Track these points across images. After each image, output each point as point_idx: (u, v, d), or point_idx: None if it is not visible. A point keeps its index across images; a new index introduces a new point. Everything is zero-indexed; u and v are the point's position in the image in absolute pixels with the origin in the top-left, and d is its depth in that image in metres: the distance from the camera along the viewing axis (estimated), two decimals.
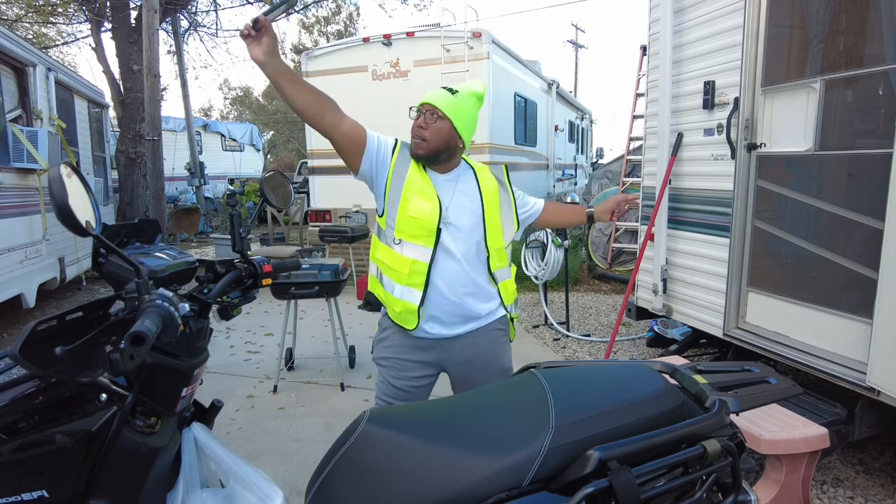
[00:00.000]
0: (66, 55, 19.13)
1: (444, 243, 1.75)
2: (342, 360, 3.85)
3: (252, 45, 1.52)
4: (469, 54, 5.74)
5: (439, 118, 1.75)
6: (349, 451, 0.98)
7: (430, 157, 1.78)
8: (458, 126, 1.77)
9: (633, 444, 0.91)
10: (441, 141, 1.76)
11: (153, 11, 7.29)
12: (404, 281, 1.75)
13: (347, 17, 22.48)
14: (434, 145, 1.76)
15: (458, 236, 1.77)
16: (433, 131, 1.75)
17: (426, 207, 1.73)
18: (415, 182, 1.77)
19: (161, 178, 7.74)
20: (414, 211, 1.73)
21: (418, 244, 1.74)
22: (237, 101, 30.91)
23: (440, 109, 1.75)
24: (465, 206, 1.79)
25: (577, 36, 23.72)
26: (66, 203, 0.99)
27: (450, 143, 1.77)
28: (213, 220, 13.11)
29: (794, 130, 2.70)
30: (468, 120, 1.80)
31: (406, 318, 1.77)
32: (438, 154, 1.78)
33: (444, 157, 1.80)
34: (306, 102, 1.66)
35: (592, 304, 5.83)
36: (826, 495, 2.40)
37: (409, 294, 1.75)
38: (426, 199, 1.74)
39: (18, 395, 1.05)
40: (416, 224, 1.73)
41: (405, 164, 1.80)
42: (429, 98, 1.79)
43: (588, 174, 12.32)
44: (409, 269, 1.74)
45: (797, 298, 2.73)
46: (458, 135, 1.78)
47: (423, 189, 1.76)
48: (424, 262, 1.74)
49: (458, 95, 1.78)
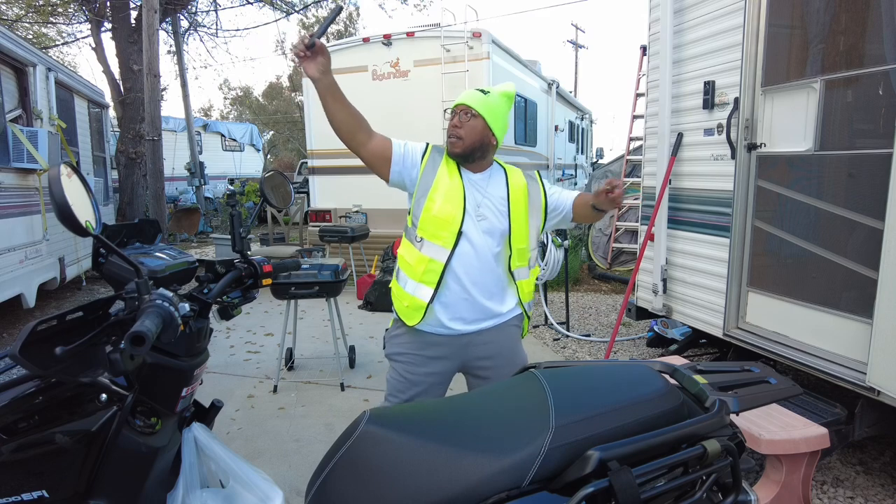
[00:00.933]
0: (66, 55, 19.15)
1: (466, 242, 1.82)
2: (342, 360, 3.85)
3: (307, 63, 1.65)
4: (469, 54, 5.74)
5: (473, 116, 1.84)
6: (349, 452, 0.98)
7: (466, 155, 1.86)
8: (490, 123, 1.85)
9: (634, 444, 0.91)
10: (475, 138, 1.84)
11: (153, 11, 7.28)
12: (417, 277, 1.82)
13: (347, 17, 22.47)
14: (469, 143, 1.84)
15: (483, 235, 1.84)
16: (468, 129, 1.83)
17: (450, 209, 1.81)
18: (443, 183, 1.85)
19: (161, 178, 7.74)
20: (438, 211, 1.81)
21: (437, 244, 1.81)
22: (237, 101, 30.92)
23: (473, 108, 1.84)
24: (494, 205, 1.86)
25: (577, 36, 23.74)
26: (66, 203, 0.99)
27: (483, 140, 1.85)
28: (213, 220, 13.11)
29: (794, 130, 2.70)
30: (500, 118, 1.88)
31: (411, 313, 1.83)
32: (473, 151, 1.86)
33: (478, 155, 1.88)
34: (344, 120, 1.78)
35: (592, 304, 5.83)
36: (826, 495, 2.40)
37: (420, 290, 1.82)
38: (451, 201, 1.82)
39: (18, 395, 1.05)
40: (438, 224, 1.81)
41: (434, 166, 1.89)
42: (462, 99, 1.88)
43: (588, 174, 12.33)
44: (424, 268, 1.81)
45: (797, 298, 2.73)
46: (491, 132, 1.86)
47: (450, 190, 1.84)
48: (440, 262, 1.80)
49: (490, 95, 1.87)
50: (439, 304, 1.83)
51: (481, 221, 1.83)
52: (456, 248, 1.81)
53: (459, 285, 1.82)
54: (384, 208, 6.39)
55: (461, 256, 1.81)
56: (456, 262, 1.81)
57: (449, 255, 1.80)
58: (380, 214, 6.42)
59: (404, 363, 1.90)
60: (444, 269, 1.80)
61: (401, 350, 1.91)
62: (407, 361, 1.89)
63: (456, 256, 1.81)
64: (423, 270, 1.81)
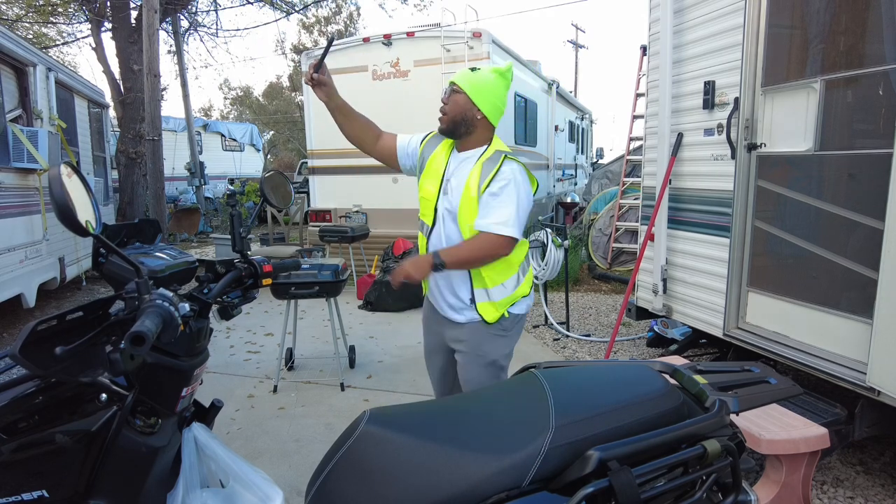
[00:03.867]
0: (66, 55, 19.12)
1: (438, 219, 1.95)
2: (342, 360, 3.85)
3: (317, 91, 1.89)
4: (469, 54, 5.74)
5: (455, 92, 1.90)
6: (349, 451, 0.98)
7: (450, 129, 1.93)
8: (473, 97, 1.87)
9: (634, 444, 0.91)
10: (457, 112, 1.89)
11: (153, 11, 7.28)
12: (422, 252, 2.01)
13: (347, 17, 22.47)
14: (451, 116, 1.90)
15: (450, 212, 1.92)
16: (451, 104, 1.90)
17: (430, 187, 1.95)
18: (432, 164, 1.97)
19: (161, 178, 7.74)
20: (423, 191, 1.98)
21: (425, 222, 1.99)
22: (237, 101, 30.91)
23: (457, 84, 1.90)
24: (459, 178, 1.90)
25: (577, 36, 23.73)
26: (66, 203, 0.99)
27: (466, 114, 1.89)
28: (213, 220, 13.11)
29: (795, 130, 2.70)
30: (486, 93, 1.88)
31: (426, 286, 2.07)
32: (457, 125, 1.91)
33: (462, 130, 1.91)
34: (355, 133, 2.00)
35: (592, 304, 5.83)
36: (826, 495, 2.40)
37: None
38: (432, 180, 1.96)
39: (18, 395, 1.05)
40: (424, 204, 1.97)
41: (431, 148, 2.00)
42: (452, 77, 1.95)
43: (588, 174, 12.32)
44: (422, 246, 2.01)
45: (797, 298, 2.73)
46: (475, 106, 1.88)
47: (434, 170, 1.96)
48: (425, 238, 2.00)
49: (478, 72, 1.92)
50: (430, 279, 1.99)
51: (445, 196, 1.92)
52: (433, 227, 1.96)
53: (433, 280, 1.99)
54: (384, 208, 6.39)
55: (434, 235, 1.96)
56: (431, 241, 1.97)
57: (429, 231, 1.98)
58: (380, 214, 6.42)
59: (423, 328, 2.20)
60: (426, 244, 1.98)
61: (422, 317, 2.20)
62: (424, 328, 2.19)
63: (432, 234, 1.97)
64: (422, 248, 2.02)
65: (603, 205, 7.61)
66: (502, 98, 1.93)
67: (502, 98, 1.93)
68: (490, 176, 1.81)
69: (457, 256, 1.84)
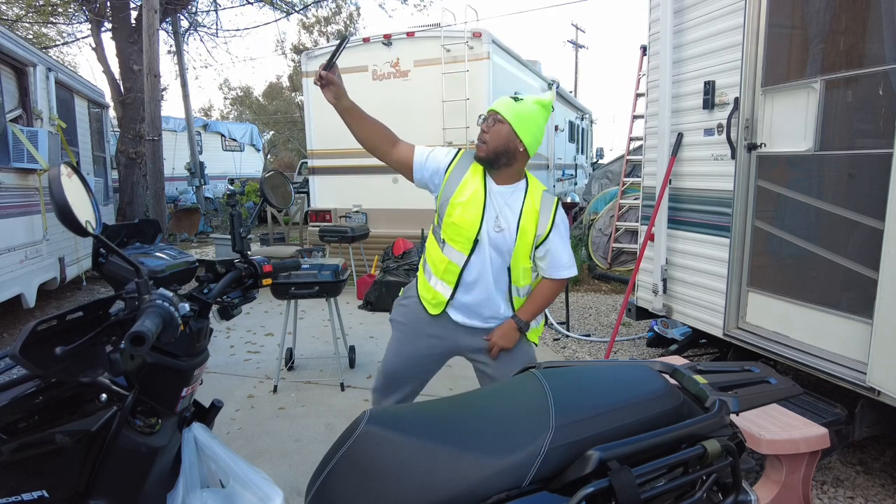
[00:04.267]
0: (66, 55, 19.13)
1: (480, 251, 1.90)
2: (342, 360, 3.85)
3: (325, 92, 1.81)
4: (469, 54, 5.74)
5: (499, 122, 1.85)
6: (349, 451, 0.98)
7: (490, 160, 1.88)
8: (517, 129, 1.84)
9: (634, 444, 0.91)
10: (499, 143, 1.85)
11: (153, 11, 7.28)
12: (439, 275, 1.96)
13: (347, 17, 22.46)
14: (493, 147, 1.85)
15: (493, 248, 1.89)
16: (493, 134, 1.85)
17: (468, 217, 1.88)
18: (466, 190, 1.90)
19: (161, 178, 7.74)
20: (457, 218, 1.89)
21: (456, 248, 1.91)
22: (237, 101, 30.91)
23: (500, 114, 1.85)
24: (507, 221, 1.89)
25: (577, 36, 23.73)
26: (66, 203, 0.99)
27: (509, 145, 1.85)
28: (213, 220, 13.10)
29: (795, 130, 2.70)
30: (530, 125, 1.87)
31: (434, 305, 1.98)
32: (498, 156, 1.87)
33: (503, 161, 1.88)
34: (365, 136, 1.91)
35: (592, 304, 5.83)
36: (826, 495, 2.40)
37: (443, 287, 1.96)
38: (471, 210, 1.88)
39: (18, 395, 1.05)
40: (456, 230, 1.89)
41: (461, 172, 1.93)
42: (493, 105, 1.90)
43: (588, 174, 12.32)
44: (444, 267, 1.94)
45: (797, 298, 2.73)
46: (517, 138, 1.85)
47: (471, 198, 1.89)
48: (458, 266, 1.92)
49: (522, 102, 1.87)
50: (455, 301, 1.96)
51: (495, 234, 1.88)
52: (472, 256, 1.89)
53: (470, 290, 1.93)
54: (384, 208, 6.39)
55: (474, 265, 1.90)
56: (470, 269, 1.91)
57: (466, 260, 1.90)
58: (380, 214, 6.43)
59: (401, 332, 2.06)
60: (461, 272, 1.91)
61: (402, 319, 2.06)
62: (404, 331, 2.05)
63: (471, 263, 1.90)
64: (444, 269, 1.94)
65: (603, 205, 7.61)
66: (542, 131, 1.92)
67: (542, 131, 1.92)
68: (549, 223, 1.90)
69: (534, 312, 1.99)
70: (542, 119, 1.90)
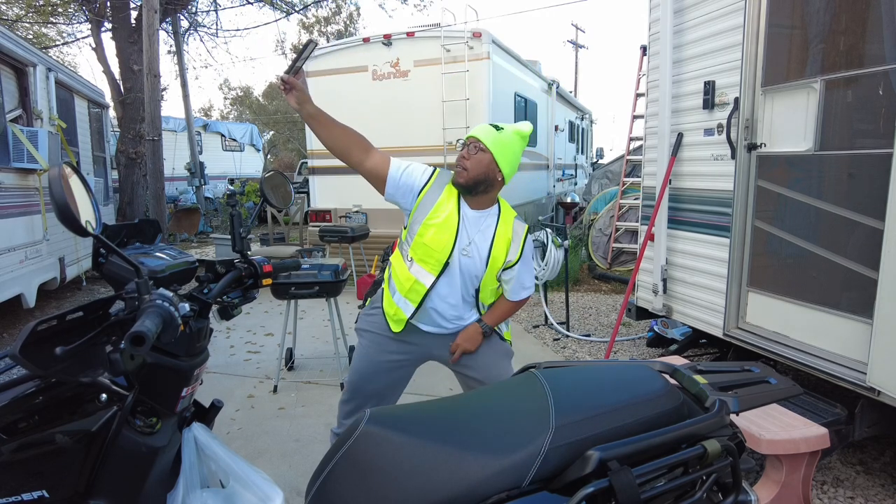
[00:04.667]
0: (66, 55, 19.13)
1: (448, 273, 1.91)
2: (342, 360, 3.84)
3: (288, 96, 1.79)
4: (469, 54, 5.74)
5: (481, 150, 1.87)
6: (349, 451, 0.98)
7: (469, 187, 1.88)
8: (497, 159, 1.87)
9: (634, 444, 0.91)
10: (480, 171, 1.86)
11: (153, 11, 7.28)
12: (404, 292, 1.94)
13: (347, 17, 22.45)
14: (473, 175, 1.86)
15: (463, 271, 1.91)
16: (474, 161, 1.86)
17: (442, 239, 1.88)
18: (441, 212, 1.90)
19: (161, 178, 7.74)
20: (430, 240, 1.88)
21: (424, 269, 1.91)
22: (237, 101, 30.90)
23: (482, 142, 1.87)
24: (479, 245, 1.91)
25: (577, 36, 23.73)
26: (66, 203, 0.99)
27: (489, 174, 1.87)
28: (213, 220, 13.10)
29: (795, 130, 2.70)
30: (509, 155, 1.90)
31: (395, 321, 1.98)
32: (477, 184, 1.88)
33: (481, 188, 1.90)
34: (333, 143, 1.86)
35: (592, 304, 5.83)
36: (826, 495, 2.40)
37: (405, 305, 1.95)
38: (444, 232, 1.89)
39: (18, 395, 1.05)
40: (427, 251, 1.89)
41: (437, 192, 1.93)
42: (474, 132, 1.92)
43: (588, 174, 12.32)
44: (410, 286, 1.93)
45: (797, 298, 2.73)
46: (497, 167, 1.88)
47: (445, 221, 1.89)
48: (424, 286, 1.91)
49: (503, 132, 1.89)
50: (416, 321, 1.98)
51: (465, 258, 1.90)
52: (440, 277, 1.90)
53: (434, 308, 1.95)
54: (384, 208, 6.34)
55: (442, 286, 1.92)
56: (437, 289, 1.92)
57: (434, 281, 1.90)
58: (380, 214, 6.42)
59: (367, 340, 2.04)
60: (426, 293, 1.91)
61: (370, 329, 2.05)
62: (370, 340, 2.03)
63: (438, 284, 1.91)
64: (409, 288, 1.93)
65: (603, 205, 7.61)
66: (519, 160, 1.97)
67: (519, 160, 1.97)
68: (518, 252, 1.94)
69: (498, 320, 2.03)
70: (520, 149, 1.94)
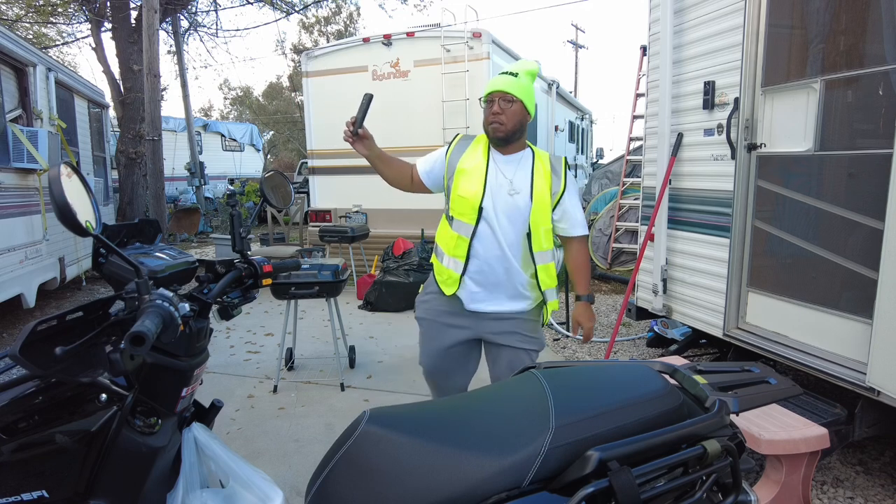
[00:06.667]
0: (66, 55, 19.11)
1: (486, 219, 1.98)
2: (342, 360, 3.85)
3: (357, 146, 2.00)
4: (469, 54, 5.74)
5: (511, 102, 1.96)
6: (349, 452, 0.98)
7: (508, 138, 1.99)
8: (526, 104, 1.99)
9: (633, 444, 0.91)
10: (517, 121, 1.98)
11: (153, 11, 7.28)
12: (451, 252, 2.03)
13: (347, 17, 22.47)
14: (511, 126, 1.97)
15: (504, 217, 1.97)
16: (510, 115, 1.96)
17: (471, 187, 1.98)
18: (467, 163, 2.02)
19: (161, 178, 7.74)
20: (462, 190, 1.99)
21: (464, 221, 2.00)
22: (237, 101, 30.89)
23: (510, 93, 1.95)
24: (519, 185, 1.98)
25: (577, 36, 23.72)
26: (66, 203, 0.99)
27: (523, 120, 2.01)
28: (213, 220, 13.10)
29: (795, 130, 2.70)
30: (531, 96, 2.02)
31: (449, 283, 2.05)
32: (515, 133, 1.99)
33: (517, 136, 2.01)
34: (392, 176, 2.13)
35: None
36: (826, 495, 2.40)
37: (454, 264, 2.03)
38: (473, 180, 1.99)
39: (18, 395, 1.05)
40: (463, 202, 1.99)
41: (461, 150, 2.07)
42: (499, 86, 1.97)
43: (588, 174, 12.32)
44: (454, 243, 2.02)
45: (797, 298, 2.73)
46: (527, 111, 2.00)
47: (473, 170, 2.00)
48: (466, 238, 1.99)
49: (520, 77, 1.99)
50: (468, 277, 2.02)
51: (506, 198, 1.96)
52: (478, 225, 1.98)
53: (481, 260, 1.99)
54: (384, 208, 6.38)
55: (482, 233, 1.98)
56: (479, 237, 1.99)
57: (473, 230, 1.98)
58: (380, 214, 6.42)
59: (425, 327, 2.16)
60: (470, 243, 1.99)
61: (424, 316, 2.16)
62: (428, 327, 2.15)
63: (479, 232, 1.98)
64: (454, 245, 2.02)
65: (603, 205, 7.61)
66: (535, 94, 2.06)
67: (535, 94, 2.06)
68: (562, 181, 2.02)
69: (587, 281, 2.12)
70: (533, 86, 2.04)
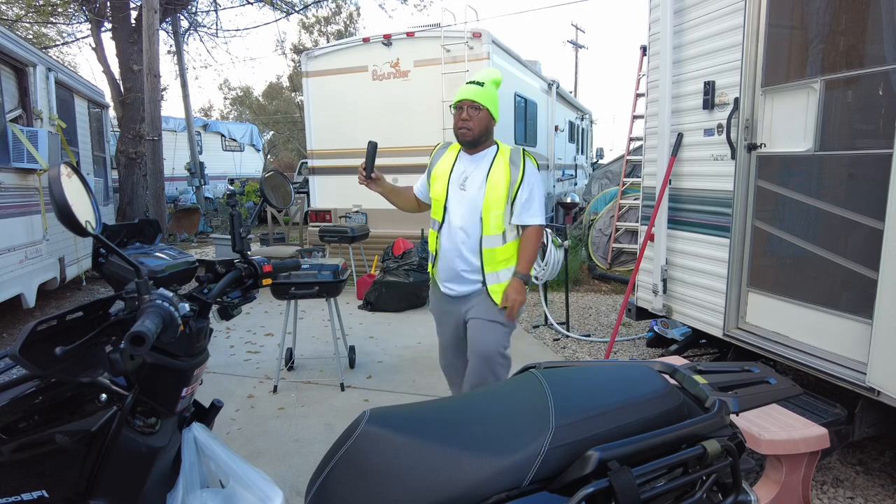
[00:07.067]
0: (66, 55, 19.11)
1: (449, 213, 2.25)
2: (342, 360, 3.84)
3: (371, 186, 2.32)
4: (469, 54, 5.74)
5: (479, 109, 2.20)
6: (349, 452, 0.98)
7: (476, 141, 2.24)
8: (491, 110, 2.23)
9: (633, 444, 0.91)
10: (483, 126, 2.23)
11: (153, 11, 7.28)
12: (431, 248, 2.37)
13: (347, 17, 22.47)
14: (478, 131, 2.22)
15: (463, 208, 2.22)
16: (477, 121, 2.21)
17: (438, 188, 2.28)
18: (439, 169, 2.32)
19: (161, 178, 7.74)
20: (434, 193, 2.32)
21: (436, 219, 2.30)
22: (237, 101, 30.88)
23: (476, 101, 2.19)
24: (476, 177, 2.23)
25: (577, 36, 23.72)
26: (66, 203, 0.99)
27: (489, 126, 2.26)
28: (213, 220, 13.10)
29: (795, 131, 2.70)
30: (496, 103, 2.26)
31: (433, 275, 2.40)
32: (482, 136, 2.24)
33: (484, 139, 2.26)
34: (403, 205, 2.51)
35: (592, 305, 5.83)
36: (826, 495, 2.40)
37: (432, 258, 2.38)
38: (440, 182, 2.28)
39: (18, 395, 1.05)
40: (435, 203, 2.31)
41: (436, 160, 2.37)
42: (466, 95, 2.21)
43: (588, 174, 12.32)
44: (432, 240, 2.34)
45: (797, 298, 2.73)
46: (492, 117, 2.25)
47: (441, 174, 2.29)
48: (436, 232, 2.31)
49: (486, 87, 2.22)
50: (438, 267, 2.33)
51: (462, 192, 2.22)
52: (444, 220, 2.26)
53: (444, 252, 2.27)
54: (384, 208, 6.33)
55: (447, 226, 2.26)
56: (443, 231, 2.27)
57: (440, 225, 2.27)
58: (380, 214, 6.42)
59: (435, 319, 2.49)
60: (437, 238, 2.29)
61: (431, 308, 2.51)
62: (434, 317, 2.49)
63: (444, 226, 2.26)
64: (432, 242, 2.34)
65: (603, 205, 7.61)
66: (499, 100, 2.29)
67: (499, 100, 2.29)
68: (520, 172, 2.21)
69: (528, 262, 2.26)
70: (497, 93, 2.26)
